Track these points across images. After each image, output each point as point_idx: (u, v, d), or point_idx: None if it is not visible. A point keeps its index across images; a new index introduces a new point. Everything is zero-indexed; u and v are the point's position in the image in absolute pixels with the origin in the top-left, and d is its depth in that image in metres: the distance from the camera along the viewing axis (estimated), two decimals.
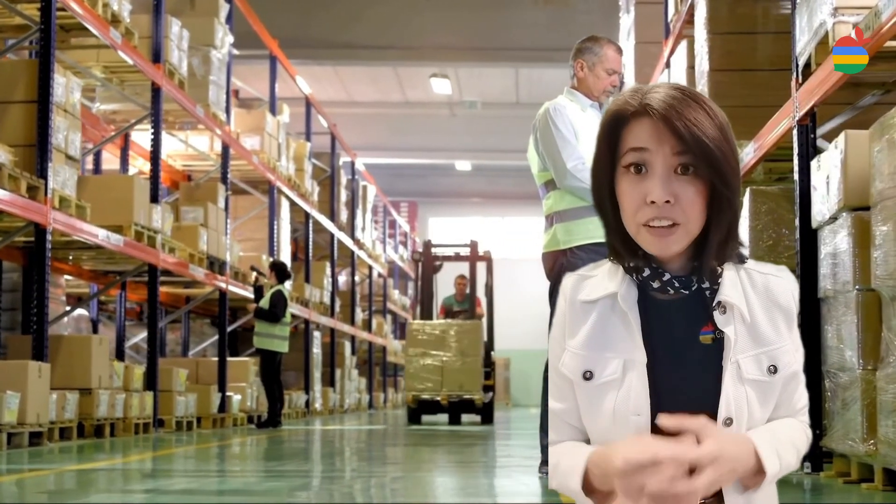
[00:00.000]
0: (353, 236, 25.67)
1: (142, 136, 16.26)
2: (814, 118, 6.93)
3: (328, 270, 22.70)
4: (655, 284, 1.89)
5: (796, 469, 1.83)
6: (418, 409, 16.25)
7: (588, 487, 1.83)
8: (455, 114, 29.69)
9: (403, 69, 26.10)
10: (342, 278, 26.27)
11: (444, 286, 19.86)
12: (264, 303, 14.75)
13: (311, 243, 21.22)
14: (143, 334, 17.88)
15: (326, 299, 22.20)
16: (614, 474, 1.74)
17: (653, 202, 1.81)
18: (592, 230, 6.07)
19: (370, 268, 29.23)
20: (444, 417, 16.78)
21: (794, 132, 6.98)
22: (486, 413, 16.41)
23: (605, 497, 1.82)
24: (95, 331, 16.20)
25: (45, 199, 9.98)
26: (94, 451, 9.46)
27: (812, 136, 6.94)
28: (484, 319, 18.17)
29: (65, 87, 10.77)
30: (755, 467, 1.79)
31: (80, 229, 10.79)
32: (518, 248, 38.88)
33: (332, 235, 23.34)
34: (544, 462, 6.56)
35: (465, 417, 16.65)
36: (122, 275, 14.61)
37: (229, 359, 16.10)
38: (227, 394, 15.45)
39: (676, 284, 1.88)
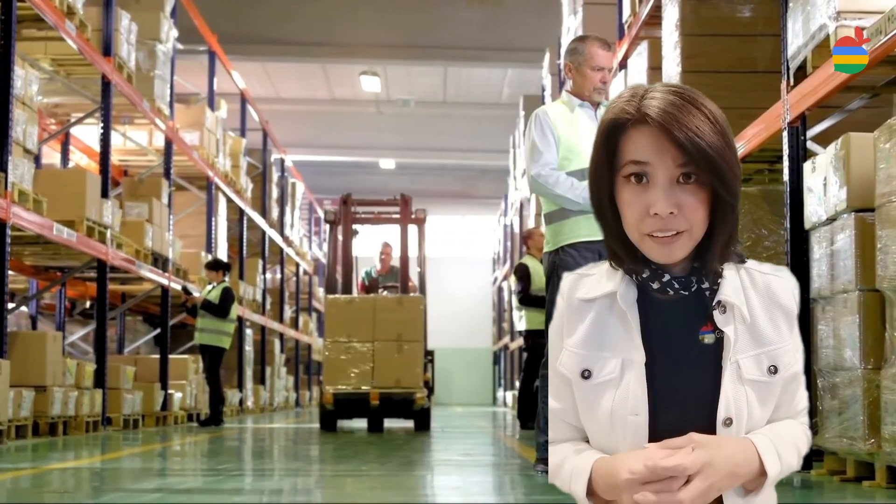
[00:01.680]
0: (282, 234, 25.52)
1: (82, 130, 15.99)
2: (804, 121, 7.01)
3: (260, 267, 22.53)
4: (655, 285, 1.87)
5: (797, 470, 1.84)
6: (334, 412, 12.73)
7: (591, 491, 1.83)
8: (382, 112, 29.58)
9: (331, 66, 25.94)
10: (268, 275, 26.10)
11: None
12: (214, 297, 14.56)
13: (245, 240, 21.02)
14: (80, 331, 17.63)
15: (259, 297, 22.05)
16: (622, 488, 1.74)
17: (656, 214, 1.80)
18: (577, 229, 6.30)
19: (297, 265, 29.07)
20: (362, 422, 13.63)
21: (785, 134, 7.04)
22: (422, 418, 13.03)
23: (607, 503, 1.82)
24: (34, 327, 15.92)
25: (6, 193, 9.78)
26: (64, 450, 9.30)
27: (802, 138, 7.02)
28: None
29: (23, 80, 10.56)
30: (758, 470, 1.78)
31: (37, 224, 10.57)
32: (440, 247, 38.91)
33: (263, 233, 23.16)
34: (540, 459, 6.60)
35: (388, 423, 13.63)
36: (66, 271, 14.36)
37: (170, 356, 15.88)
38: (169, 391, 15.26)
39: (676, 285, 1.86)
